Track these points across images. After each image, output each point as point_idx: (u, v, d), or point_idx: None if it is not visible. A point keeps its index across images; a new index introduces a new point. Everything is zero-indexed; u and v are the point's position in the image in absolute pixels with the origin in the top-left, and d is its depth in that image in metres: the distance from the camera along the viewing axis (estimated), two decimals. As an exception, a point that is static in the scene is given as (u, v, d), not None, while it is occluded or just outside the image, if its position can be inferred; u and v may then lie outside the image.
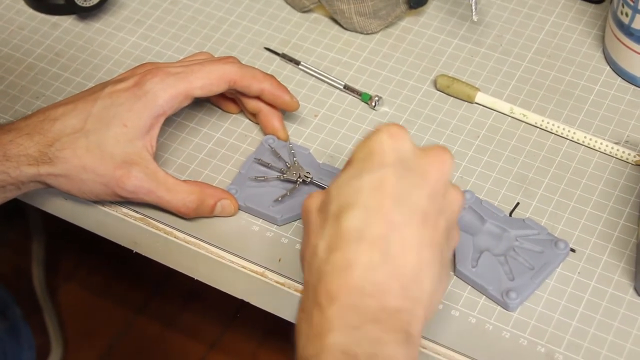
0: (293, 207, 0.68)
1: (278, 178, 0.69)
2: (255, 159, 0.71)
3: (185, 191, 0.67)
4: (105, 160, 0.65)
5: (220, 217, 0.69)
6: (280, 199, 0.68)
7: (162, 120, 0.67)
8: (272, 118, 0.72)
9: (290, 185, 0.69)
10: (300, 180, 0.69)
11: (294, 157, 0.70)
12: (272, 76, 0.71)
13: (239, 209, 0.69)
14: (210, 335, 1.24)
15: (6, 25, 0.83)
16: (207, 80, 0.67)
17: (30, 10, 0.84)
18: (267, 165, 0.70)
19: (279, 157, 0.71)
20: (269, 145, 0.72)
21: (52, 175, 0.66)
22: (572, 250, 0.67)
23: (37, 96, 0.78)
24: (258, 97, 0.71)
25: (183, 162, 0.73)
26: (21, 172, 0.65)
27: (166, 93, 0.66)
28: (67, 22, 0.83)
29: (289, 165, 0.70)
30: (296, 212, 0.68)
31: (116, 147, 0.65)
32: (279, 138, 0.72)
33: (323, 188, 0.69)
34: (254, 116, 0.74)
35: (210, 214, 0.68)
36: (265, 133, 0.73)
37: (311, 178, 0.69)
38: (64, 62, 0.80)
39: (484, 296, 0.64)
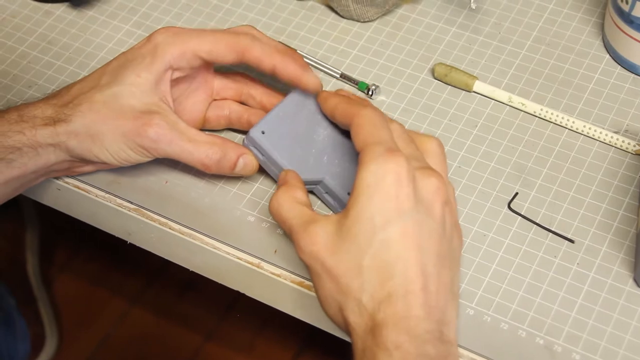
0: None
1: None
2: None
3: (207, 142, 0.65)
4: (125, 110, 0.64)
5: (240, 176, 0.67)
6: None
7: (169, 75, 0.66)
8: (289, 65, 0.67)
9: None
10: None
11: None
12: (288, 50, 0.67)
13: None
14: (206, 325, 1.24)
15: (-2, 13, 0.82)
16: (215, 45, 0.66)
17: (23, -2, 0.83)
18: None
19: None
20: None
21: (70, 133, 0.64)
22: (571, 241, 0.66)
23: (29, 85, 0.77)
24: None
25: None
26: (37, 132, 0.64)
27: (174, 48, 0.66)
28: (59, 9, 0.82)
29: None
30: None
31: (133, 99, 0.64)
32: (307, 90, 0.67)
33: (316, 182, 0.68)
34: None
35: (231, 170, 0.66)
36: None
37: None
38: (57, 50, 0.79)
39: (482, 288, 0.64)
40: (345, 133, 0.67)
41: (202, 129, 0.71)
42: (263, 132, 0.66)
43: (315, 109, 0.67)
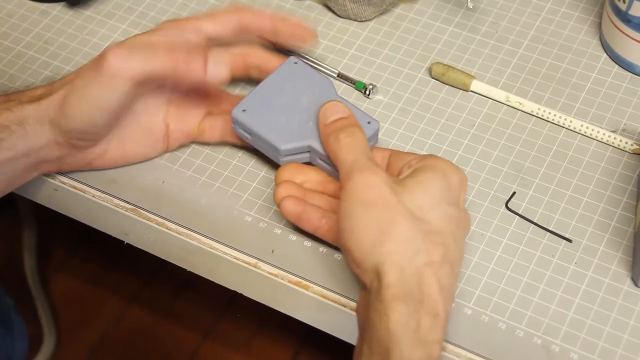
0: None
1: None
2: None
3: (169, 43, 0.65)
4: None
5: (218, 84, 0.67)
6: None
7: None
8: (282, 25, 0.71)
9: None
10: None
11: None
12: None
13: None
14: (204, 324, 1.24)
15: (-6, 13, 0.82)
16: (213, 19, 0.68)
17: (19, -2, 0.83)
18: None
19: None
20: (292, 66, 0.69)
21: (51, 102, 0.64)
22: (569, 240, 0.66)
23: (26, 85, 0.77)
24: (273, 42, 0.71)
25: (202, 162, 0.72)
26: (23, 107, 0.64)
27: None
28: (56, 9, 0.82)
29: None
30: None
31: None
32: (304, 44, 0.71)
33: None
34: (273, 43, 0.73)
35: (202, 72, 0.66)
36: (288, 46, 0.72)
37: None
38: (54, 50, 0.79)
39: (480, 287, 0.64)
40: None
41: (198, 141, 0.72)
42: (244, 110, 0.67)
43: (298, 80, 0.68)
